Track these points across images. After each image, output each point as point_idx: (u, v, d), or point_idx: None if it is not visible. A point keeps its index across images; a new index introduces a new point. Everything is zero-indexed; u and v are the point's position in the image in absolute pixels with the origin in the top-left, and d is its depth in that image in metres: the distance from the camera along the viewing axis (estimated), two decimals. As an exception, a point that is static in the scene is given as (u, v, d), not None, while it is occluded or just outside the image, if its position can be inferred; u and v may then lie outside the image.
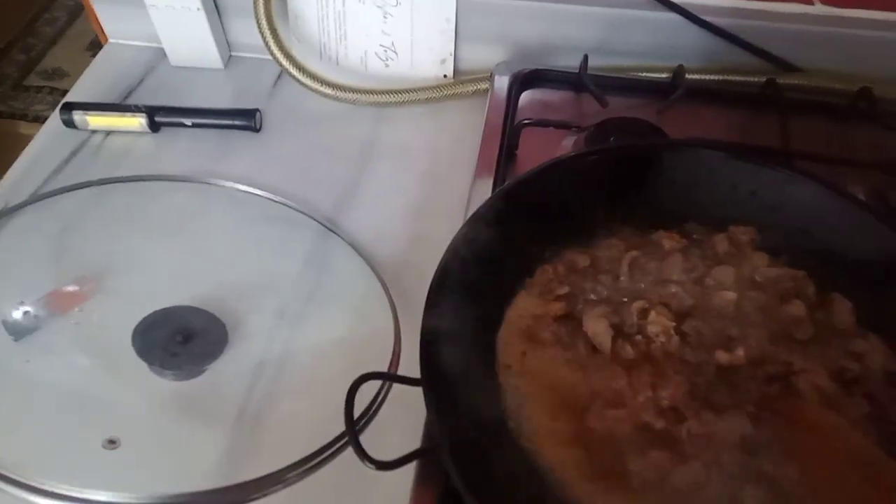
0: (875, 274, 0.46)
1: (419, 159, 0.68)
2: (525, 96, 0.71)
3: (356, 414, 0.49)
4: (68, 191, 0.63)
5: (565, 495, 0.40)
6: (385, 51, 0.74)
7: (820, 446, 0.40)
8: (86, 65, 0.77)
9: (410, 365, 0.42)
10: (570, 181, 0.50)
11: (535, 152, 0.64)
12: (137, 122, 0.68)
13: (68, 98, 0.71)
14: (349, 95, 0.72)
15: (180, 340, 0.52)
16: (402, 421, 0.47)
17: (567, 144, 0.65)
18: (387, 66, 0.75)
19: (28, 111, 1.82)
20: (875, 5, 0.66)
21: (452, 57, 0.74)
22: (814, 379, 0.41)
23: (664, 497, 0.39)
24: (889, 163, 0.60)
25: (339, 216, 0.63)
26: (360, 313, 0.56)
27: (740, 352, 0.42)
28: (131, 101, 0.72)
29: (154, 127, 0.69)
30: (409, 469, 0.45)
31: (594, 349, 0.45)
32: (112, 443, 0.46)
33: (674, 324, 0.44)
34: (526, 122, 0.65)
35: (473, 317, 0.46)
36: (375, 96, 0.72)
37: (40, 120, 0.64)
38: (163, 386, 0.51)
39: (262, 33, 0.70)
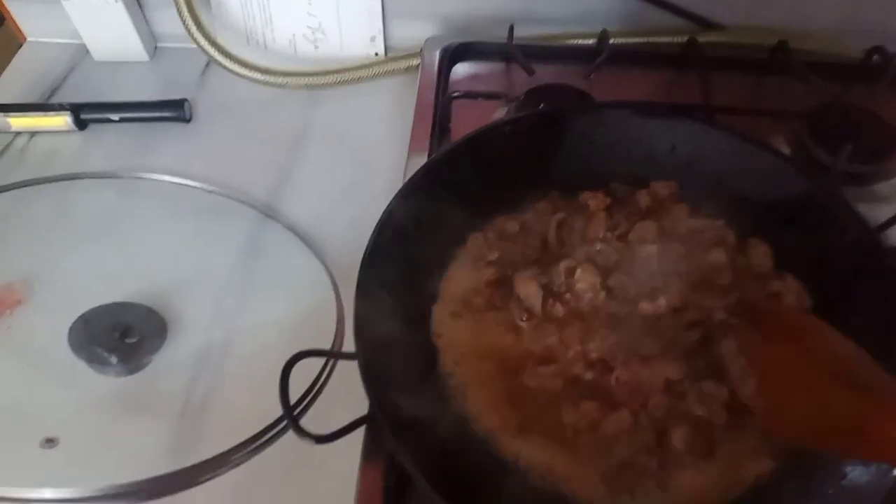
0: (789, 217, 0.48)
1: (354, 140, 0.68)
2: (456, 70, 0.71)
3: (299, 393, 0.50)
4: (-6, 194, 0.62)
5: (501, 452, 0.41)
6: (313, 32, 0.74)
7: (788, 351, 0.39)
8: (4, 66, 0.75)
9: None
10: (493, 150, 0.51)
11: (468, 126, 0.63)
12: (62, 120, 0.67)
13: (-12, 100, 0.69)
14: (279, 79, 0.72)
15: (118, 336, 0.52)
16: (347, 398, 0.47)
17: (499, 115, 0.66)
18: (316, 47, 0.75)
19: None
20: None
21: (382, 34, 0.74)
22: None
23: (597, 444, 0.41)
24: (805, 111, 0.62)
25: (275, 202, 0.63)
26: (303, 296, 0.56)
27: (662, 301, 0.44)
28: (55, 100, 0.71)
29: (80, 124, 0.67)
30: (356, 446, 0.45)
31: (526, 311, 0.46)
32: (50, 441, 0.46)
33: (600, 279, 0.46)
34: (456, 94, 0.66)
35: (407, 287, 0.47)
36: (306, 78, 0.72)
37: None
38: (104, 383, 0.51)
39: (184, 22, 0.69)
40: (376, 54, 0.75)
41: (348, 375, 0.50)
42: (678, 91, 0.67)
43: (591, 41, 0.71)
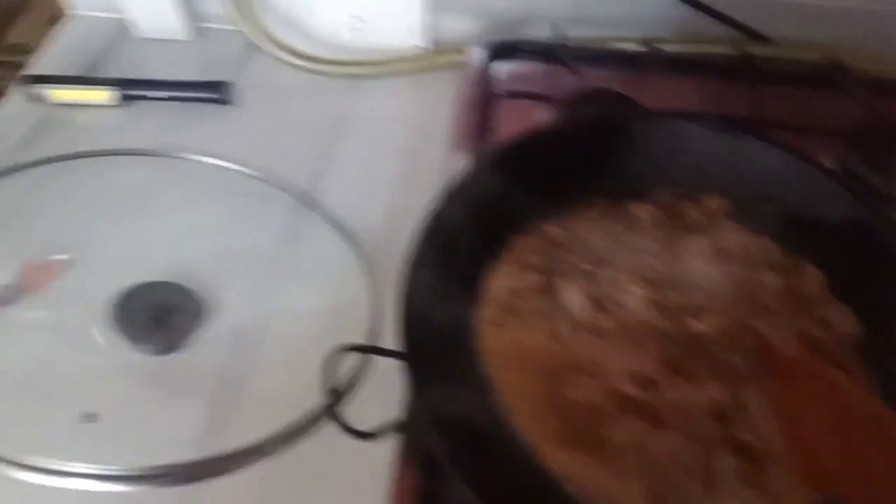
0: (842, 242, 0.47)
1: (395, 132, 0.68)
2: (501, 68, 0.70)
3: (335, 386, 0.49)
4: (34, 166, 0.61)
5: (542, 463, 0.41)
6: (356, 20, 0.73)
7: (811, 401, 0.38)
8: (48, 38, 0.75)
9: (389, 338, 0.42)
10: (546, 152, 0.50)
11: (511, 124, 0.64)
12: (104, 94, 0.66)
13: (29, 71, 0.68)
14: (321, 67, 0.71)
15: (156, 315, 0.52)
16: (381, 394, 0.47)
17: (543, 116, 0.65)
18: (359, 36, 0.74)
19: (-12, 86, 1.76)
20: (845, -23, 0.67)
21: (427, 27, 0.73)
22: (783, 347, 0.42)
23: (639, 462, 0.40)
24: (859, 131, 0.61)
25: (313, 190, 0.62)
26: (338, 287, 0.56)
27: (711, 319, 0.43)
28: (95, 74, 0.70)
29: (121, 100, 0.67)
30: (390, 443, 0.45)
31: (570, 320, 0.46)
32: (90, 416, 0.46)
33: (648, 293, 0.45)
34: (500, 93, 0.65)
35: (451, 289, 0.46)
36: (348, 68, 0.71)
37: (1, 96, 0.63)
38: (140, 360, 0.51)
39: (228, 3, 0.69)
40: (420, 47, 0.74)
41: (381, 371, 0.50)
42: (726, 102, 0.66)
43: (640, 47, 0.70)
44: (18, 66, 0.71)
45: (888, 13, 0.68)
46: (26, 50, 0.73)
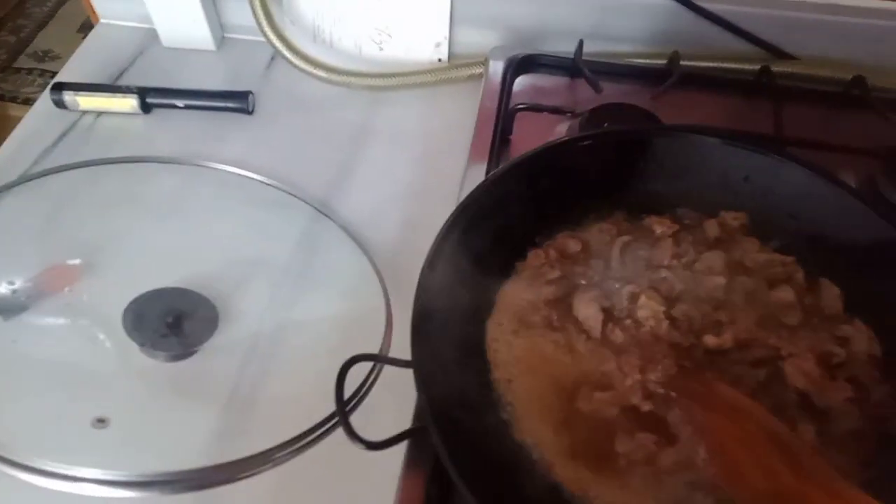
0: (863, 260, 0.46)
1: (413, 144, 0.68)
2: (520, 81, 0.71)
3: (347, 395, 0.49)
4: (59, 171, 0.62)
5: (552, 476, 0.40)
6: (379, 34, 0.74)
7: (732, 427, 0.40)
8: (77, 46, 0.76)
9: (402, 347, 0.42)
10: (561, 166, 0.50)
11: (530, 137, 0.64)
12: (129, 103, 0.67)
13: (59, 78, 0.70)
14: (343, 79, 0.72)
15: (171, 321, 0.52)
16: (393, 403, 0.47)
17: (561, 130, 0.65)
18: (381, 49, 0.75)
19: (18, 93, 1.80)
20: (868, -7, 0.66)
21: (447, 41, 0.74)
22: (800, 363, 0.42)
23: (650, 478, 0.39)
24: (881, 150, 0.60)
25: (331, 200, 0.63)
26: (352, 296, 0.56)
27: (728, 335, 0.42)
28: (122, 82, 0.72)
29: (146, 108, 0.68)
30: (399, 450, 0.45)
31: (584, 333, 0.45)
32: (101, 421, 0.46)
33: (663, 308, 0.44)
34: (520, 106, 0.65)
35: (464, 300, 0.46)
36: (369, 80, 0.72)
37: (31, 102, 0.64)
38: (153, 366, 0.51)
39: (255, 14, 0.70)
40: (440, 60, 0.75)
41: (393, 380, 0.50)
42: (747, 119, 0.65)
43: (660, 62, 0.70)
44: (48, 73, 0.72)
45: (913, 31, 0.67)
46: (56, 57, 0.75)
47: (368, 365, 0.51)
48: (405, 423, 0.44)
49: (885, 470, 0.40)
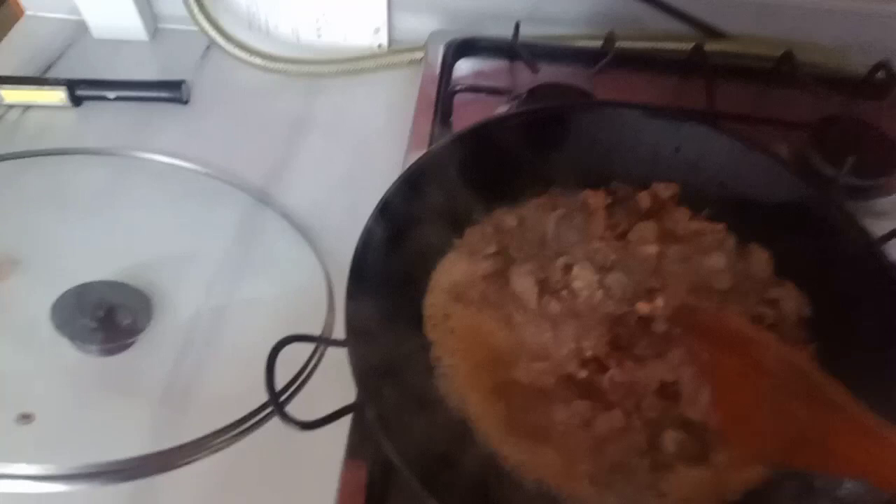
0: (789, 223, 0.47)
1: (353, 130, 0.67)
2: (459, 66, 0.71)
3: (286, 380, 0.49)
4: (-16, 166, 0.60)
5: (490, 447, 0.40)
6: (317, 20, 0.73)
7: (743, 364, 0.38)
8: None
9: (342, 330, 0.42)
10: (496, 143, 0.50)
11: (470, 121, 0.63)
12: (57, 95, 0.65)
13: (-18, 72, 0.67)
14: (280, 66, 0.71)
15: (102, 315, 0.51)
16: (334, 387, 0.46)
17: (501, 111, 0.65)
18: (319, 36, 0.74)
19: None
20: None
21: (387, 26, 0.73)
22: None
23: (587, 444, 0.40)
24: (810, 123, 0.62)
25: (271, 188, 0.62)
26: (293, 283, 0.55)
27: (660, 302, 0.43)
28: (51, 75, 0.70)
29: (75, 101, 0.66)
30: (341, 435, 0.45)
31: (521, 306, 0.45)
32: (26, 417, 0.45)
33: (597, 278, 0.45)
34: (458, 88, 0.65)
35: (401, 276, 0.46)
36: (308, 67, 0.71)
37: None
38: (85, 361, 0.50)
39: (187, 3, 0.68)
40: (379, 46, 0.74)
41: (336, 364, 0.49)
42: (682, 97, 0.67)
43: (597, 43, 0.70)
44: (-30, 67, 0.69)
45: (839, 9, 0.69)
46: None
47: (308, 350, 0.50)
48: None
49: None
